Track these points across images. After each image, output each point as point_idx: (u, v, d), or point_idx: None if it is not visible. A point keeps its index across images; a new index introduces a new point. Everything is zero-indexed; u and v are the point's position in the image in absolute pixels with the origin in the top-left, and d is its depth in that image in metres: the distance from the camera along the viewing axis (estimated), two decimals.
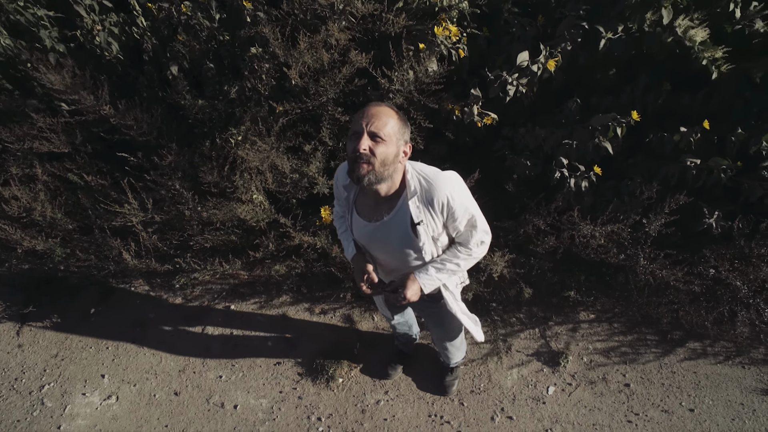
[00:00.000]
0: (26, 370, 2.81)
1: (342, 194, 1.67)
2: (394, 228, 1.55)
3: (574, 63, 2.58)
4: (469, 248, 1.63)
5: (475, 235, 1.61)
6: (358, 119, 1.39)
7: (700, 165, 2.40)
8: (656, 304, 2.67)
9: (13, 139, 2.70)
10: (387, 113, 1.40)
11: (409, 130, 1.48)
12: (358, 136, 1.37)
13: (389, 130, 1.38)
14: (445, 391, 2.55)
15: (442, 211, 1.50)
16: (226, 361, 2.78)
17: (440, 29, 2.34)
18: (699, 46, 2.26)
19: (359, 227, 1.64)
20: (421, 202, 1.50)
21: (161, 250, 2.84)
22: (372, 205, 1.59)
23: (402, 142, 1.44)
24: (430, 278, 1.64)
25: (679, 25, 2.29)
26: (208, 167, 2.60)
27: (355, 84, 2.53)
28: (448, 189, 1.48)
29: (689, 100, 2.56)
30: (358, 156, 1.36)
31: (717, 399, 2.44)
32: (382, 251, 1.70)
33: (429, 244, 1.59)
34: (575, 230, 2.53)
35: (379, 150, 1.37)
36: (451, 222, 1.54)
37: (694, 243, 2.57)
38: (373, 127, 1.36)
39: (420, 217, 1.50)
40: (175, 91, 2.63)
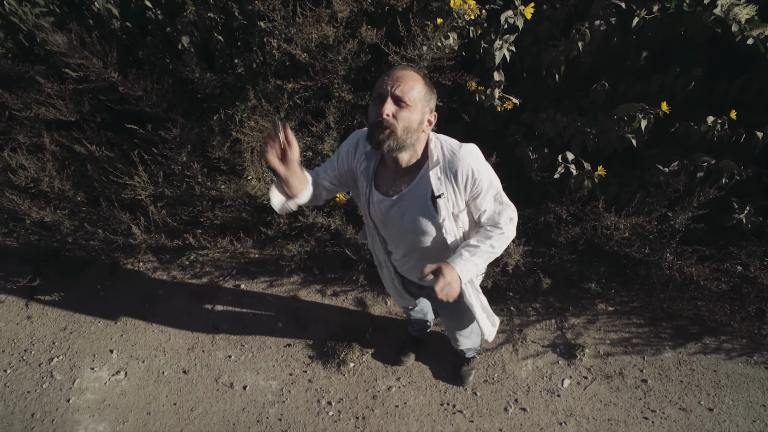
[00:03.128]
0: (35, 342, 2.79)
1: (359, 164, 1.52)
2: (413, 201, 1.44)
3: (606, 45, 2.44)
4: (500, 227, 1.49)
5: (504, 212, 1.49)
6: (382, 81, 1.29)
7: (713, 165, 2.28)
8: (678, 299, 2.59)
9: (21, 106, 2.61)
10: (413, 77, 1.30)
11: (435, 97, 1.37)
12: (381, 99, 1.27)
13: (415, 95, 1.28)
14: (462, 381, 2.50)
15: (465, 186, 1.39)
16: (235, 341, 2.74)
17: (456, 3, 2.20)
18: (745, 24, 2.12)
19: (377, 202, 1.52)
20: (443, 174, 1.39)
21: (171, 225, 2.78)
22: (391, 177, 1.48)
23: (428, 109, 1.34)
24: (465, 263, 1.44)
25: (722, 5, 2.14)
26: (216, 142, 2.51)
27: (362, 60, 2.42)
28: (473, 160, 1.38)
29: (726, 87, 2.42)
30: (380, 121, 1.27)
31: (737, 399, 2.38)
32: (396, 230, 1.57)
33: (449, 221, 1.46)
34: (599, 221, 2.44)
35: (402, 115, 1.27)
36: (474, 198, 1.43)
37: (722, 238, 2.47)
38: (398, 90, 1.26)
39: (441, 190, 1.39)
40: (184, 63, 2.53)
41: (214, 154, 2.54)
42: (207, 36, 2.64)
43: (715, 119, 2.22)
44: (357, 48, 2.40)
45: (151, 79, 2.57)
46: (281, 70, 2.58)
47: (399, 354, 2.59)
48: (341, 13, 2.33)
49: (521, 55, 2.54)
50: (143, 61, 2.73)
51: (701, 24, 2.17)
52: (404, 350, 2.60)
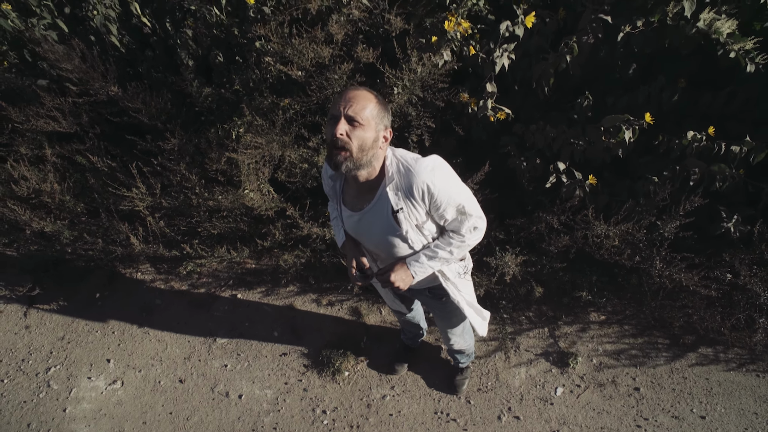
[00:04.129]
0: (33, 352, 2.81)
1: (329, 184, 1.63)
2: (376, 217, 1.50)
3: (595, 58, 2.51)
4: (461, 235, 1.55)
5: (466, 222, 1.53)
6: (335, 103, 1.34)
7: (705, 170, 2.33)
8: (669, 307, 2.62)
9: (23, 119, 2.68)
10: (365, 97, 1.34)
11: (389, 115, 1.42)
12: (335, 120, 1.32)
13: (368, 113, 1.33)
14: (455, 390, 2.52)
15: (423, 199, 1.43)
16: (231, 350, 2.76)
17: (451, 25, 2.27)
18: (727, 38, 2.18)
19: (346, 218, 1.61)
20: (399, 190, 1.43)
21: (168, 235, 2.82)
22: (355, 195, 1.55)
23: (381, 126, 1.38)
24: (421, 266, 1.58)
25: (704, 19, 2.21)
26: (214, 155, 2.56)
27: (357, 79, 2.48)
28: (427, 176, 1.40)
29: (711, 98, 2.48)
30: (335, 140, 1.32)
31: (729, 407, 2.39)
32: (369, 241, 1.64)
33: (413, 232, 1.52)
34: (589, 230, 2.48)
35: (356, 134, 1.32)
36: (435, 210, 1.47)
37: (711, 247, 2.51)
38: (350, 110, 1.31)
39: (399, 205, 1.44)
40: (182, 77, 2.60)
41: (211, 166, 2.59)
42: (206, 51, 2.71)
43: (695, 134, 2.28)
44: (353, 67, 2.47)
45: (151, 93, 2.63)
46: (278, 85, 2.65)
47: (393, 363, 2.61)
48: (337, 35, 2.39)
49: (513, 68, 2.61)
50: (143, 75, 2.80)
51: (685, 37, 2.24)
52: (398, 359, 2.62)
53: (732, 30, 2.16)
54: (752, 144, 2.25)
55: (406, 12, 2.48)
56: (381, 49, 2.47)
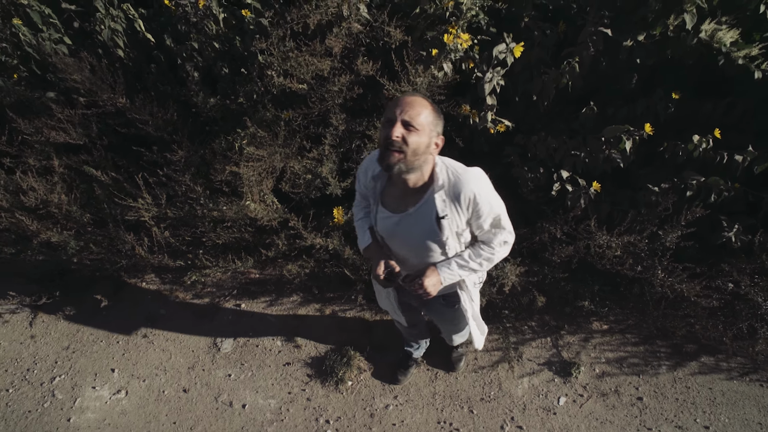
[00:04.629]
0: (38, 362, 2.83)
1: (369, 184, 1.65)
2: (419, 220, 1.55)
3: (596, 70, 2.54)
4: (492, 247, 1.62)
5: (499, 235, 1.60)
6: (392, 107, 1.39)
7: (701, 182, 2.36)
8: (672, 317, 2.62)
9: (32, 131, 2.72)
10: (421, 103, 1.40)
11: (442, 123, 1.48)
12: (391, 123, 1.37)
13: (423, 119, 1.38)
14: (453, 368, 2.61)
15: (467, 207, 1.49)
16: (235, 360, 2.78)
17: (450, 38, 2.32)
18: (731, 47, 2.21)
19: (383, 219, 1.64)
20: (447, 196, 1.49)
21: (173, 245, 2.85)
22: (399, 197, 1.58)
23: (434, 133, 1.44)
24: (451, 273, 1.62)
25: (706, 29, 2.24)
26: (219, 166, 2.60)
27: (355, 92, 2.52)
28: (474, 185, 1.47)
29: (711, 108, 2.51)
30: (390, 143, 1.37)
31: (733, 417, 2.39)
32: (403, 245, 1.68)
33: (452, 239, 1.57)
34: (591, 240, 2.49)
35: (411, 139, 1.37)
36: (476, 219, 1.53)
37: (712, 256, 2.52)
38: (406, 115, 1.36)
39: (445, 211, 1.50)
40: (188, 89, 2.64)
41: (216, 177, 2.62)
42: (211, 63, 2.75)
43: (701, 138, 2.30)
44: (353, 79, 2.50)
45: (157, 104, 2.68)
46: (281, 97, 2.69)
47: (396, 372, 2.63)
48: (334, 48, 2.43)
49: (514, 81, 2.65)
50: (150, 87, 2.84)
51: (687, 48, 2.27)
52: (401, 368, 2.63)
53: (735, 38, 2.19)
54: (754, 154, 2.27)
55: (406, 25, 2.52)
56: (381, 61, 2.51)
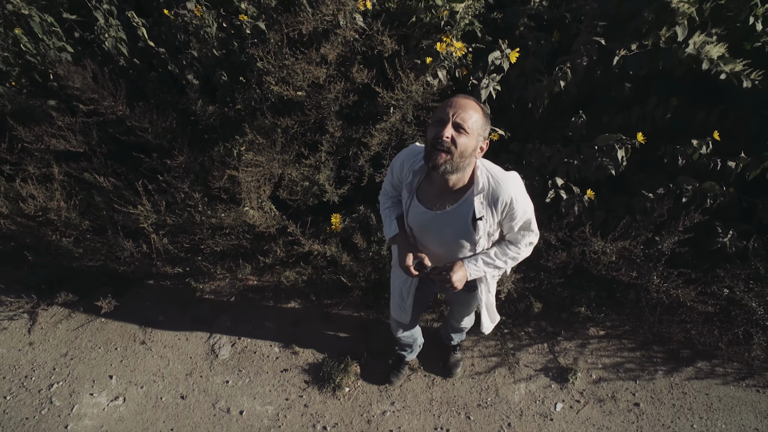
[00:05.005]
0: (36, 368, 2.83)
1: (405, 177, 1.68)
2: (455, 219, 1.59)
3: (590, 78, 2.57)
4: (518, 247, 1.68)
5: (527, 236, 1.67)
6: (444, 107, 1.43)
7: (697, 188, 2.38)
8: (668, 322, 2.63)
9: (32, 138, 2.75)
10: (473, 106, 1.43)
11: (489, 127, 1.51)
12: (442, 123, 1.40)
13: (473, 123, 1.41)
14: (450, 373, 2.61)
15: (502, 211, 1.54)
16: (233, 366, 2.78)
17: (443, 46, 2.35)
18: (718, 60, 2.25)
19: (417, 213, 1.67)
20: (485, 199, 1.53)
21: (172, 252, 2.86)
22: (436, 194, 1.61)
23: (482, 138, 1.47)
24: (477, 269, 1.67)
25: (695, 42, 2.28)
26: (217, 173, 2.62)
27: (350, 99, 2.55)
28: (513, 191, 1.52)
29: (704, 116, 2.54)
30: (439, 143, 1.39)
31: (730, 423, 2.39)
32: (434, 239, 1.71)
33: (484, 238, 1.63)
34: (586, 246, 2.51)
35: (461, 141, 1.40)
36: (508, 221, 1.58)
37: (707, 262, 2.54)
38: (458, 117, 1.39)
39: (482, 213, 1.54)
40: (187, 97, 2.67)
41: (214, 184, 2.64)
42: (210, 71, 2.78)
43: (700, 141, 2.33)
44: (348, 87, 2.54)
45: (157, 112, 2.70)
46: (279, 105, 2.72)
47: (388, 373, 2.65)
48: (329, 56, 2.47)
49: (510, 89, 2.68)
50: (150, 95, 2.87)
51: (677, 60, 2.31)
52: (394, 370, 2.65)
53: (721, 53, 2.22)
54: (747, 160, 2.30)
55: (401, 33, 2.55)
56: (376, 69, 2.54)
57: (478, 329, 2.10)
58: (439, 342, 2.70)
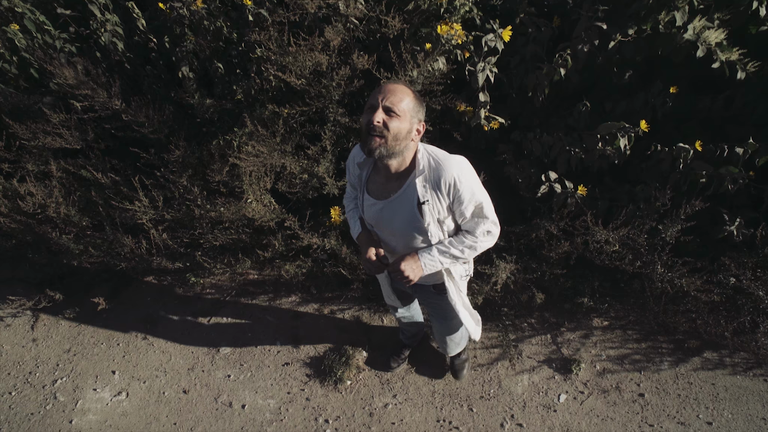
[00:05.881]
0: (40, 364, 2.85)
1: (355, 172, 1.68)
2: (401, 206, 1.57)
3: (592, 64, 2.52)
4: (475, 236, 1.62)
5: (482, 225, 1.61)
6: (375, 94, 1.43)
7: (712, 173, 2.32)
8: (673, 312, 2.59)
9: (29, 136, 2.73)
10: (403, 90, 1.44)
11: (424, 110, 1.51)
12: (373, 109, 1.41)
13: (404, 106, 1.42)
14: (456, 375, 2.56)
15: (448, 193, 1.51)
16: (234, 360, 2.78)
17: (443, 29, 2.30)
18: (715, 47, 2.18)
19: (368, 206, 1.66)
20: (427, 182, 1.51)
21: (172, 248, 2.85)
22: (382, 183, 1.60)
23: (416, 120, 1.47)
24: (432, 259, 1.63)
25: (695, 27, 2.21)
26: (216, 167, 2.60)
27: (355, 85, 2.51)
28: (455, 170, 1.49)
29: (709, 102, 2.48)
30: (371, 128, 1.40)
31: (737, 413, 2.36)
32: (388, 231, 1.69)
33: (434, 225, 1.59)
34: (589, 236, 2.47)
35: (392, 124, 1.40)
36: (458, 206, 1.54)
37: (713, 250, 2.49)
38: (388, 102, 1.40)
39: (426, 197, 1.52)
40: (184, 90, 2.64)
41: (213, 178, 2.62)
42: (207, 63, 2.76)
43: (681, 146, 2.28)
44: (350, 74, 2.50)
45: (153, 107, 2.68)
46: (278, 95, 2.69)
47: (389, 360, 2.64)
48: (333, 42, 2.43)
49: (510, 76, 2.63)
50: (146, 90, 2.85)
51: (675, 46, 2.24)
52: (394, 356, 2.64)
53: (720, 40, 2.16)
54: (755, 146, 2.24)
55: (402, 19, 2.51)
56: (376, 55, 2.50)
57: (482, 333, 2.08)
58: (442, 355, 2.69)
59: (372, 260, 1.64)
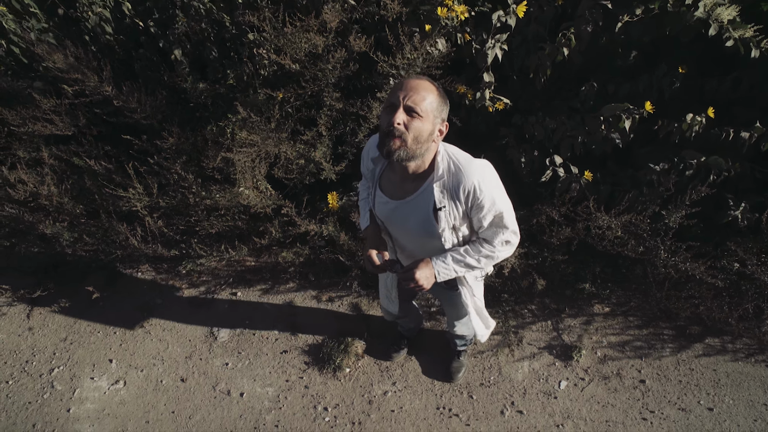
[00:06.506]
0: (36, 353, 2.82)
1: (369, 166, 1.59)
2: (416, 209, 1.48)
3: (595, 45, 2.44)
4: (493, 246, 1.53)
5: (501, 234, 1.51)
6: (395, 91, 1.31)
7: (702, 162, 2.27)
8: (675, 298, 2.57)
9: (19, 122, 2.67)
10: (427, 87, 1.31)
11: (447, 108, 1.38)
12: (393, 108, 1.29)
13: (427, 105, 1.29)
14: (451, 378, 2.50)
15: (466, 200, 1.41)
16: (232, 348, 2.76)
17: (444, 11, 2.22)
18: (728, 25, 2.11)
19: (381, 203, 1.57)
20: (445, 188, 1.41)
21: (167, 235, 2.81)
22: (397, 183, 1.51)
23: (439, 120, 1.35)
24: (446, 267, 1.54)
25: (705, 4, 2.13)
26: (211, 153, 2.54)
27: (351, 69, 2.44)
28: (477, 177, 1.38)
29: (716, 84, 2.42)
30: (391, 130, 1.28)
31: (738, 398, 2.34)
32: (400, 231, 1.62)
33: (448, 231, 1.50)
34: (591, 221, 2.43)
35: (414, 125, 1.28)
36: (476, 213, 1.44)
37: (718, 235, 2.45)
38: (410, 101, 1.27)
39: (443, 203, 1.42)
40: (176, 74, 2.57)
41: (208, 165, 2.57)
42: (200, 47, 2.68)
43: (694, 116, 2.21)
44: (346, 56, 2.43)
45: (145, 91, 2.61)
46: (272, 79, 2.62)
47: (389, 350, 2.62)
48: (331, 23, 2.35)
49: (511, 57, 2.56)
50: (138, 74, 2.78)
51: (684, 24, 2.17)
52: (394, 346, 2.62)
53: (733, 17, 2.08)
54: (762, 130, 2.18)
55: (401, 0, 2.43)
56: (374, 37, 2.43)
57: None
58: (443, 342, 2.63)
59: (372, 260, 1.56)
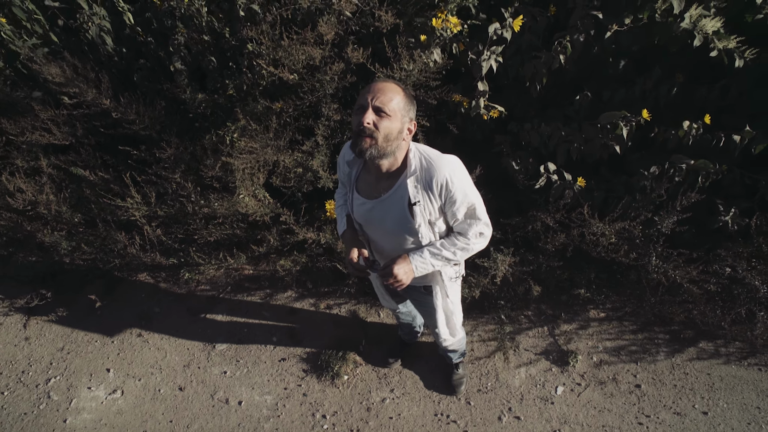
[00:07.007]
0: (33, 363, 2.81)
1: (345, 170, 1.65)
2: (391, 206, 1.53)
3: (588, 54, 2.50)
4: (467, 238, 1.59)
5: (474, 226, 1.58)
6: (364, 93, 1.39)
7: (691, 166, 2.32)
8: (669, 303, 2.60)
9: (18, 131, 2.68)
10: (393, 89, 1.39)
11: (414, 108, 1.47)
12: (363, 109, 1.37)
13: (394, 105, 1.38)
14: (454, 391, 2.51)
15: (440, 194, 1.47)
16: (230, 357, 2.76)
17: (438, 22, 2.27)
18: (712, 36, 2.17)
19: (358, 205, 1.62)
20: (419, 182, 1.48)
21: (166, 243, 2.82)
22: (373, 183, 1.57)
23: (407, 119, 1.43)
24: (423, 261, 1.59)
25: (691, 15, 2.19)
26: (210, 161, 2.57)
27: (348, 80, 2.48)
28: (448, 171, 1.45)
29: (706, 92, 2.47)
30: (361, 129, 1.36)
31: (732, 402, 2.37)
32: (378, 231, 1.67)
33: (425, 227, 1.55)
34: (585, 228, 2.46)
35: (383, 124, 1.37)
36: (449, 207, 1.51)
37: (709, 241, 2.49)
38: (378, 101, 1.36)
39: (417, 197, 1.48)
40: (176, 84, 2.60)
41: (207, 173, 2.59)
42: (199, 57, 2.71)
43: (690, 124, 2.26)
44: (344, 68, 2.47)
45: (144, 102, 2.64)
46: (271, 89, 2.65)
47: (387, 356, 2.64)
48: (327, 35, 2.39)
49: (506, 66, 2.60)
50: (137, 85, 2.80)
51: (672, 35, 2.23)
52: (393, 353, 2.64)
53: (717, 28, 2.14)
54: (752, 134, 2.23)
55: (396, 10, 2.48)
56: (371, 49, 2.47)
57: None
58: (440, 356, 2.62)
59: (354, 262, 1.60)
